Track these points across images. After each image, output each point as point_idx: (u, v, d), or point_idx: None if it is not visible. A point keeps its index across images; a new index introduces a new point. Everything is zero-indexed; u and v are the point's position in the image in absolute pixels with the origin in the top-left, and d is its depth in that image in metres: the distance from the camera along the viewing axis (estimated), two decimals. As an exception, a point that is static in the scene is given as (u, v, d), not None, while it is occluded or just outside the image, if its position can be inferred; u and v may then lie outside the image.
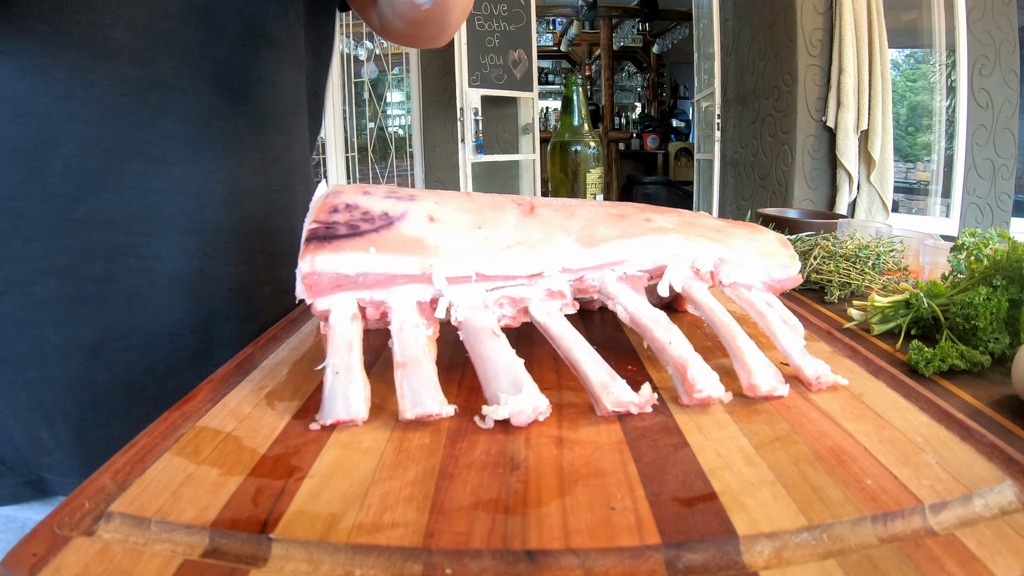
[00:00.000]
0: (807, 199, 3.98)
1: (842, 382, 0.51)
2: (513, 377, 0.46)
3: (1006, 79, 3.95)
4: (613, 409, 0.46)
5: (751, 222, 0.83)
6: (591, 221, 0.55)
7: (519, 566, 0.31)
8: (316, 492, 0.37)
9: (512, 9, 4.34)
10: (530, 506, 0.35)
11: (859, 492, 0.36)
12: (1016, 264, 0.68)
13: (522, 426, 0.45)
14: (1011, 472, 0.38)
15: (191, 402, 0.48)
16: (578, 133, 1.37)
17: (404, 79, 4.81)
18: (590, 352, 0.49)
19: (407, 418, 0.44)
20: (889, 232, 1.11)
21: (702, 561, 0.32)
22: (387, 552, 0.32)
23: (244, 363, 0.56)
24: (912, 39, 4.25)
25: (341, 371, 0.46)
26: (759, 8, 4.31)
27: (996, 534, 0.33)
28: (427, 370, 0.47)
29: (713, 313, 0.53)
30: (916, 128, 4.36)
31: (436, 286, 0.50)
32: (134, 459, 0.40)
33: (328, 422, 0.44)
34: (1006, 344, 0.68)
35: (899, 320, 0.77)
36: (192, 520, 0.34)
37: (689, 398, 0.48)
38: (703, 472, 0.39)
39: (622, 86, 10.50)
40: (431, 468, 0.39)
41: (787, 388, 0.50)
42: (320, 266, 0.49)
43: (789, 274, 0.60)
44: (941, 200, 4.21)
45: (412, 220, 0.52)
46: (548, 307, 0.52)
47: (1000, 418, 0.55)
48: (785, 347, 0.53)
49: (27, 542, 0.32)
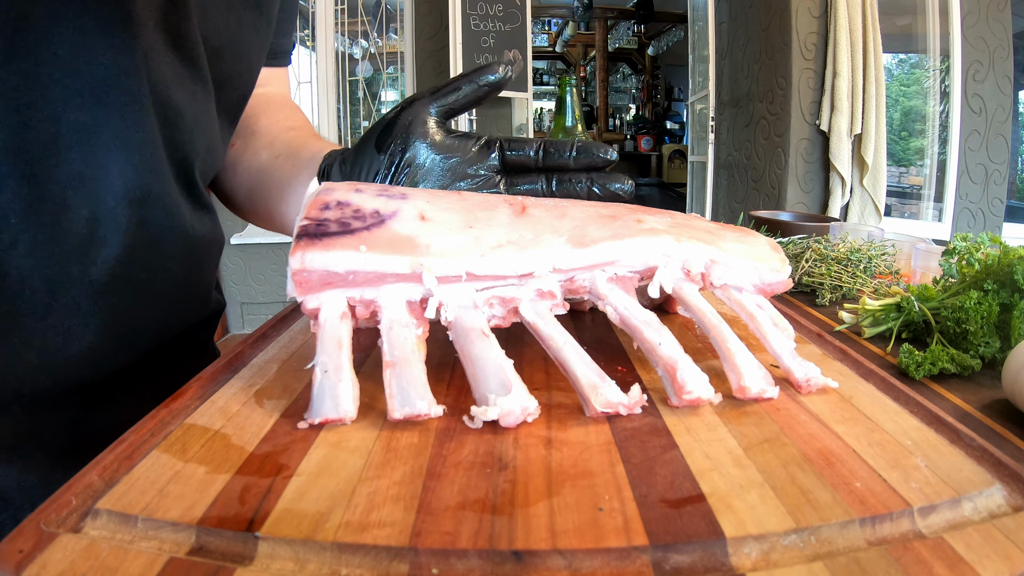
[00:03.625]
0: (800, 202, 4.00)
1: (832, 384, 0.51)
2: (502, 378, 0.46)
3: (1000, 85, 3.98)
4: (602, 410, 0.46)
5: (743, 225, 0.83)
6: (582, 222, 0.55)
7: (506, 566, 0.31)
8: (303, 491, 0.37)
9: (507, 9, 4.34)
10: (517, 506, 0.35)
11: (848, 495, 0.36)
12: (1007, 269, 0.69)
13: (511, 427, 0.44)
14: (1000, 476, 0.38)
15: (179, 399, 0.47)
16: (572, 134, 1.37)
17: (399, 78, 4.81)
18: (580, 353, 0.49)
19: (395, 418, 0.44)
20: (881, 236, 1.12)
21: (689, 563, 0.32)
22: (373, 551, 0.32)
23: (233, 360, 0.56)
24: (906, 44, 4.27)
25: (330, 369, 0.46)
26: (754, 11, 4.32)
27: (985, 538, 0.33)
28: (416, 370, 0.46)
29: (703, 315, 0.53)
30: (909, 133, 4.37)
31: (426, 285, 0.50)
32: (121, 456, 0.40)
33: (316, 421, 0.44)
34: (996, 348, 0.68)
35: (890, 323, 0.77)
36: (179, 518, 0.34)
37: (679, 399, 0.48)
38: (691, 473, 0.39)
39: (617, 87, 10.53)
40: (419, 467, 0.39)
41: (777, 390, 0.50)
42: (310, 263, 0.48)
43: (780, 278, 0.60)
44: (934, 204, 4.23)
45: (403, 219, 0.52)
46: (538, 307, 0.51)
47: (990, 422, 0.56)
48: (775, 349, 0.53)
49: (13, 539, 0.32)
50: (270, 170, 0.80)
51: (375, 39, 4.73)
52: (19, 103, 0.50)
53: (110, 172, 0.56)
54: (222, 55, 0.68)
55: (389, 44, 4.78)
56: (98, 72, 0.54)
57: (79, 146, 0.54)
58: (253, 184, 0.82)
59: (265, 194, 0.81)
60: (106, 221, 0.57)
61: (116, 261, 0.58)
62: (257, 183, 0.81)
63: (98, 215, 0.56)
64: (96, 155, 0.55)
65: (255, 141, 0.85)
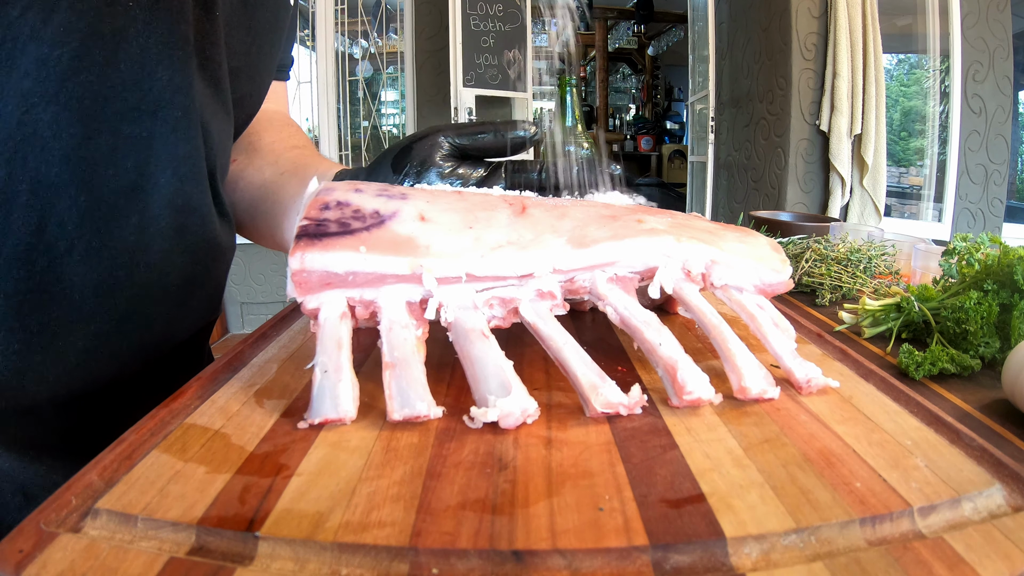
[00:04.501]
0: (800, 202, 4.00)
1: (833, 385, 0.51)
2: (502, 379, 0.46)
3: (999, 85, 3.97)
4: (602, 410, 0.46)
5: (743, 225, 0.83)
6: (582, 222, 0.55)
7: (506, 566, 0.31)
8: (303, 490, 0.37)
9: (507, 9, 4.34)
10: (517, 506, 0.35)
11: (848, 495, 0.36)
12: (1007, 269, 0.69)
13: (501, 429, 0.44)
14: (1000, 476, 0.38)
15: (179, 399, 0.48)
16: (572, 134, 1.37)
17: (399, 78, 4.80)
18: (580, 353, 0.49)
19: (395, 419, 0.44)
20: (881, 236, 1.12)
21: (689, 563, 0.32)
22: (373, 551, 0.32)
23: (233, 360, 0.56)
24: (906, 44, 4.27)
25: (330, 370, 0.46)
26: (754, 11, 4.32)
27: (984, 538, 0.33)
28: (416, 371, 0.46)
29: (704, 315, 0.53)
30: (909, 133, 4.37)
31: (426, 286, 0.50)
32: (121, 456, 0.40)
33: (316, 421, 0.44)
34: (996, 348, 0.68)
35: (890, 323, 0.77)
36: (179, 517, 0.34)
37: (679, 400, 0.48)
38: (691, 473, 0.39)
39: (617, 88, 10.53)
40: (419, 467, 0.39)
41: (778, 390, 0.50)
42: (310, 264, 0.48)
43: (780, 278, 0.60)
44: (933, 205, 4.23)
45: (403, 219, 0.52)
46: (538, 308, 0.51)
47: (989, 422, 0.56)
48: (776, 350, 0.53)
49: (13, 538, 0.32)
50: (275, 187, 0.81)
51: (375, 39, 4.73)
52: (83, 114, 0.52)
53: (159, 182, 0.58)
54: (239, 76, 0.70)
55: (389, 44, 4.78)
56: (156, 88, 0.56)
57: (135, 156, 0.56)
58: (255, 200, 0.83)
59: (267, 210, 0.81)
60: (151, 228, 0.59)
61: (157, 267, 0.60)
62: (260, 199, 0.82)
63: (144, 222, 0.58)
64: (149, 166, 0.57)
65: (258, 158, 0.86)
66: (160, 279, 0.61)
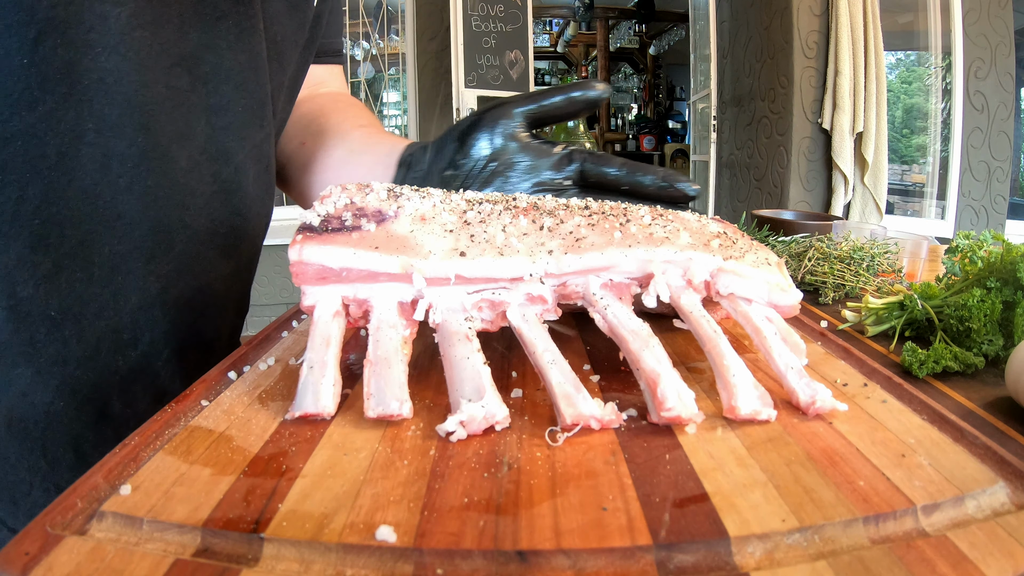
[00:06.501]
0: (802, 201, 3.99)
1: (841, 408, 0.47)
2: (477, 384, 0.45)
3: (1002, 82, 3.97)
4: (572, 422, 0.44)
5: (745, 224, 0.83)
6: (579, 224, 0.54)
7: (510, 566, 0.31)
8: (308, 492, 0.37)
9: (509, 10, 4.34)
10: (521, 506, 0.35)
11: (851, 493, 0.36)
12: (1010, 266, 0.69)
13: (506, 429, 0.45)
14: (1004, 474, 0.38)
15: (184, 401, 0.48)
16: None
17: (400, 79, 4.81)
18: (559, 361, 0.47)
19: (369, 416, 0.44)
20: (884, 234, 1.12)
21: (693, 562, 0.32)
22: (378, 552, 0.32)
23: (238, 362, 0.56)
24: (908, 42, 4.27)
25: (315, 366, 0.47)
26: (755, 10, 4.32)
27: (988, 536, 0.33)
28: (396, 370, 0.46)
29: (700, 326, 0.51)
30: (911, 130, 4.37)
31: (416, 286, 0.50)
32: (127, 458, 0.40)
33: (297, 414, 0.45)
34: (1000, 346, 0.68)
35: (893, 322, 0.77)
36: (184, 519, 0.34)
37: (657, 415, 0.45)
38: (695, 473, 0.39)
39: (618, 87, 10.52)
40: (423, 468, 0.39)
41: (774, 413, 0.46)
42: (307, 256, 0.50)
43: (789, 301, 0.56)
44: (936, 202, 4.22)
45: (404, 219, 0.52)
46: (526, 311, 0.51)
47: (993, 420, 0.56)
48: (779, 367, 0.50)
49: (19, 541, 0.32)
50: (347, 166, 0.84)
51: (376, 40, 4.74)
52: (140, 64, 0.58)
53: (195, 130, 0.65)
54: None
55: (390, 45, 4.79)
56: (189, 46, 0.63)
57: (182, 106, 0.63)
58: (328, 181, 0.84)
59: None
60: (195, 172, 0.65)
61: (204, 212, 0.66)
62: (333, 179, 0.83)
63: (189, 166, 0.64)
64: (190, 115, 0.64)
65: (327, 139, 0.88)
66: (209, 224, 0.66)
